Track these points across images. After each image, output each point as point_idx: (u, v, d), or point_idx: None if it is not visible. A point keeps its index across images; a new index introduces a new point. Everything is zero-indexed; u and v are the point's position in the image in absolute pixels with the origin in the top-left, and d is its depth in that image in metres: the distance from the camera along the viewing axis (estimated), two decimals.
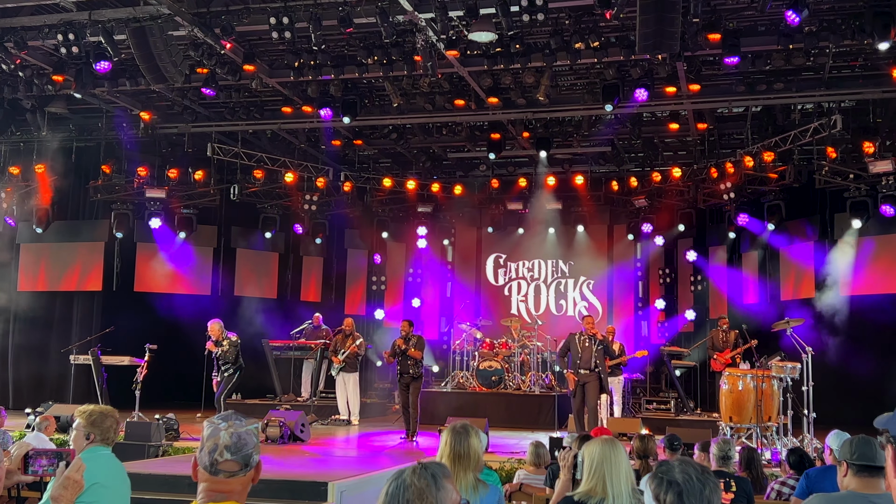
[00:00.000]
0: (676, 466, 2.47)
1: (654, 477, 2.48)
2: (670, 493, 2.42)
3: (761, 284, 17.35)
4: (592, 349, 12.71)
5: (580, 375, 12.69)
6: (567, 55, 12.28)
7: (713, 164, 16.44)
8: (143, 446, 11.03)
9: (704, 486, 2.42)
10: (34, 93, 14.42)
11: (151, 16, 11.34)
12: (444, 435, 4.29)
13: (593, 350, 12.71)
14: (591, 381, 12.67)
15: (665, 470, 2.47)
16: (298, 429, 12.28)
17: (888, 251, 15.18)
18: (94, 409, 4.67)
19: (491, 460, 10.10)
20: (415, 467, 2.40)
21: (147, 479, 6.92)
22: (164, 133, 17.15)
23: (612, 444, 4.20)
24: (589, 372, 12.67)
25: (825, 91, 14.07)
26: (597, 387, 12.70)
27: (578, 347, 12.80)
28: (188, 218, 17.77)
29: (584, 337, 12.87)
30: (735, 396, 11.81)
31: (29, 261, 18.11)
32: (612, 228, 19.37)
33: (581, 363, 12.72)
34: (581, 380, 12.69)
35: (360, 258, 20.83)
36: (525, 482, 7.30)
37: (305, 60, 13.04)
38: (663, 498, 2.43)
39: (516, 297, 20.53)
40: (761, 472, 7.39)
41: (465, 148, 18.38)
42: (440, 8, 10.76)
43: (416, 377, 13.03)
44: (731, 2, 11.35)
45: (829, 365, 13.96)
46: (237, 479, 2.64)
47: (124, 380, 13.70)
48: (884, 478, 3.54)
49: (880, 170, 14.02)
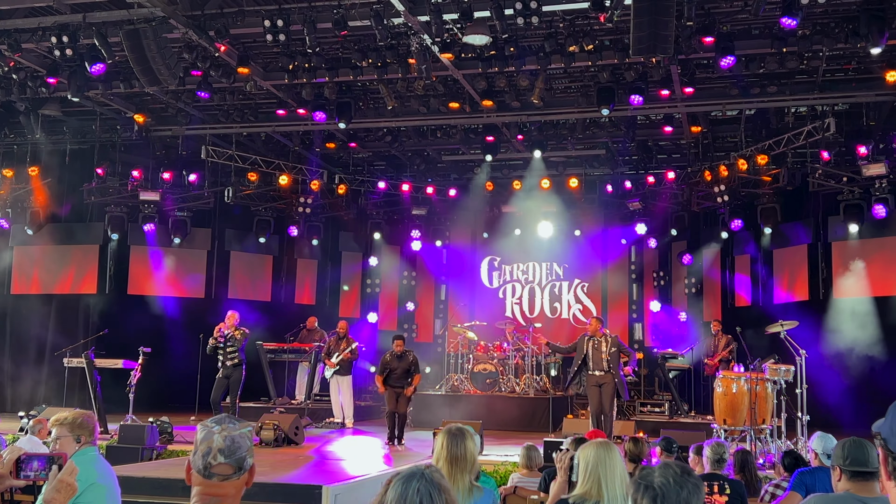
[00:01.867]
0: (657, 471, 2.48)
1: (633, 481, 2.50)
2: (646, 497, 2.43)
3: (755, 287, 17.37)
4: (602, 350, 12.73)
5: (595, 377, 12.70)
6: (561, 58, 12.31)
7: (707, 166, 16.47)
8: (137, 449, 11.00)
9: (682, 487, 2.42)
10: (28, 95, 14.41)
11: (146, 18, 11.33)
12: (440, 437, 4.25)
13: (606, 351, 12.72)
14: (608, 382, 12.67)
15: (645, 475, 2.48)
16: (292, 432, 12.26)
17: (881, 254, 15.21)
18: (72, 414, 4.67)
19: (485, 463, 10.09)
20: (423, 471, 2.40)
21: (141, 483, 6.92)
22: (158, 135, 17.13)
23: (606, 446, 4.19)
24: (604, 373, 12.69)
25: (818, 94, 14.12)
26: (613, 388, 12.71)
27: (589, 349, 12.81)
28: (182, 220, 17.74)
29: (596, 339, 12.89)
30: (729, 399, 11.82)
31: (22, 263, 18.06)
32: (607, 231, 19.37)
33: (594, 365, 12.73)
34: (596, 381, 12.70)
35: (355, 261, 20.81)
36: (519, 485, 7.30)
37: (300, 63, 13.04)
38: (640, 502, 2.44)
39: (511, 299, 20.53)
40: (755, 474, 7.40)
41: (459, 150, 18.39)
42: (435, 11, 10.77)
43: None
44: (724, 5, 11.38)
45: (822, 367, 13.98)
46: (231, 482, 2.63)
47: (118, 383, 13.67)
48: (878, 480, 3.54)
49: (873, 173, 14.06)
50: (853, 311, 14.73)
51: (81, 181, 17.52)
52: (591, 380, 12.77)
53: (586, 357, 12.88)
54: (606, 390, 12.66)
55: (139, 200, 17.25)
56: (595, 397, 12.73)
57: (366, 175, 19.43)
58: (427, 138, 17.55)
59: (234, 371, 13.37)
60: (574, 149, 17.83)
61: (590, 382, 12.82)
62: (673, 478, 2.45)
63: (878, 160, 13.99)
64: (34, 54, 13.42)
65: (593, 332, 13.04)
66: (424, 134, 17.38)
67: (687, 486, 2.44)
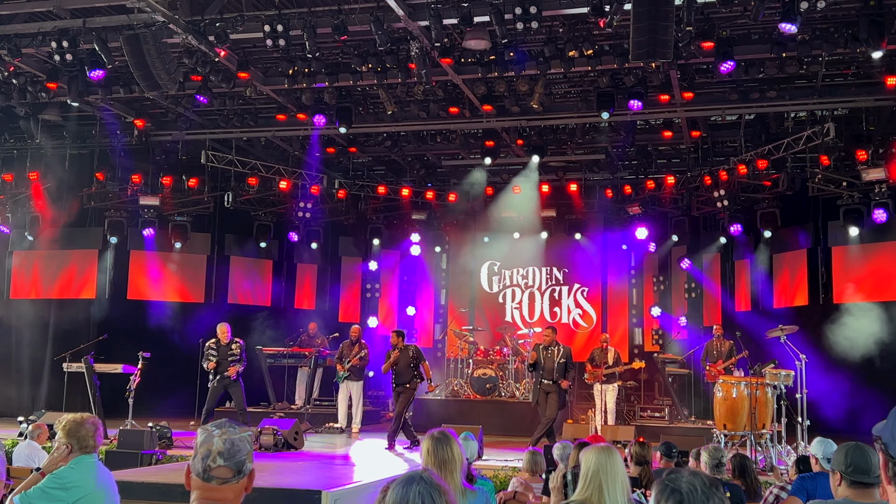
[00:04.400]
0: (685, 476, 2.43)
1: (659, 482, 2.46)
2: (671, 501, 2.39)
3: (755, 292, 17.36)
4: (554, 360, 12.92)
5: (544, 385, 12.93)
6: (561, 63, 12.31)
7: (707, 171, 16.47)
8: (136, 454, 10.98)
9: (708, 499, 2.38)
10: (28, 100, 14.41)
11: (146, 23, 11.34)
12: (425, 444, 4.28)
13: (556, 361, 12.91)
14: (553, 391, 12.91)
15: (673, 478, 2.44)
16: (292, 437, 12.24)
17: (881, 259, 15.20)
18: (70, 419, 4.67)
19: (485, 468, 10.08)
20: (421, 475, 2.40)
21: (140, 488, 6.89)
22: (158, 140, 17.15)
23: (608, 452, 4.17)
24: (551, 383, 12.91)
25: (818, 99, 14.14)
26: (556, 399, 12.91)
27: (542, 358, 13.00)
28: (182, 225, 17.74)
29: (549, 348, 13.09)
30: (729, 404, 11.82)
31: (22, 268, 18.06)
32: (607, 236, 19.37)
33: (545, 374, 12.94)
34: (545, 389, 12.92)
35: (354, 266, 20.81)
36: (519, 490, 7.27)
37: (300, 68, 13.04)
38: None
39: (510, 304, 20.51)
40: (756, 478, 7.38)
41: (459, 155, 18.40)
42: (434, 16, 10.78)
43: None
44: (724, 10, 11.38)
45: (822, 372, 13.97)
46: (230, 486, 2.62)
47: (117, 388, 13.65)
48: (878, 487, 3.52)
49: (873, 177, 14.05)
50: (853, 316, 14.71)
51: (81, 186, 17.52)
52: (542, 388, 12.98)
53: (538, 365, 13.09)
54: (552, 399, 12.88)
55: (139, 205, 17.25)
56: (543, 404, 12.93)
57: (365, 180, 19.44)
58: (427, 143, 17.55)
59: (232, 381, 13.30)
60: (574, 153, 17.83)
61: (541, 390, 13.01)
62: (701, 487, 2.40)
63: (878, 165, 13.99)
64: (34, 59, 13.43)
65: (546, 342, 13.18)
66: (424, 139, 17.39)
67: (714, 499, 2.39)
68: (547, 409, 12.87)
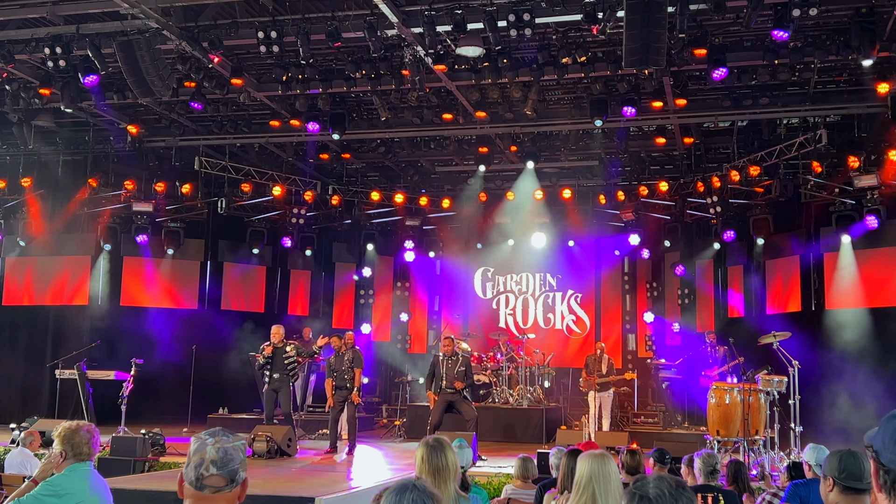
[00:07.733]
0: (651, 481, 2.47)
1: (628, 492, 2.49)
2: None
3: (747, 298, 17.40)
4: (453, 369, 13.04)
5: (447, 394, 13.01)
6: (554, 70, 12.35)
7: (700, 178, 16.52)
8: (129, 461, 10.95)
9: (677, 501, 2.41)
10: (21, 106, 14.40)
11: (139, 30, 11.34)
12: (419, 451, 4.23)
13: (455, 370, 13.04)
14: (458, 398, 13.04)
15: (640, 485, 2.47)
16: (285, 444, 12.22)
17: (873, 265, 15.24)
18: (65, 426, 4.66)
19: (478, 475, 10.07)
20: (414, 483, 2.41)
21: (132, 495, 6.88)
22: (152, 146, 17.13)
23: (602, 458, 4.15)
24: (452, 392, 13.00)
25: (810, 106, 14.20)
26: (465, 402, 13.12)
27: (443, 367, 13.11)
28: (175, 231, 17.71)
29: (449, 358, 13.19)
30: (722, 410, 11.84)
31: (14, 274, 18.01)
32: (600, 242, 19.39)
33: (446, 382, 13.04)
34: (445, 397, 13.01)
35: (348, 272, 20.79)
36: (513, 497, 7.27)
37: (293, 74, 13.06)
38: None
39: (504, 310, 20.51)
40: (748, 485, 7.38)
41: (453, 162, 18.42)
42: (428, 22, 10.81)
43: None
44: (717, 17, 11.43)
45: (815, 378, 14.00)
46: (223, 494, 2.62)
47: (110, 394, 13.61)
48: (870, 493, 3.53)
49: (865, 184, 14.10)
50: (845, 322, 14.75)
51: (74, 192, 17.49)
52: (443, 395, 13.05)
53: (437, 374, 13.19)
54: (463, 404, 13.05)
55: (132, 211, 17.23)
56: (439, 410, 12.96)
57: (359, 186, 19.43)
58: (420, 149, 17.57)
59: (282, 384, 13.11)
60: (567, 160, 17.87)
61: (442, 397, 13.07)
62: (668, 490, 2.43)
63: (870, 171, 14.04)
64: (27, 65, 13.42)
65: (447, 352, 13.30)
66: (418, 145, 17.40)
67: (682, 500, 2.43)
68: (465, 413, 13.00)
